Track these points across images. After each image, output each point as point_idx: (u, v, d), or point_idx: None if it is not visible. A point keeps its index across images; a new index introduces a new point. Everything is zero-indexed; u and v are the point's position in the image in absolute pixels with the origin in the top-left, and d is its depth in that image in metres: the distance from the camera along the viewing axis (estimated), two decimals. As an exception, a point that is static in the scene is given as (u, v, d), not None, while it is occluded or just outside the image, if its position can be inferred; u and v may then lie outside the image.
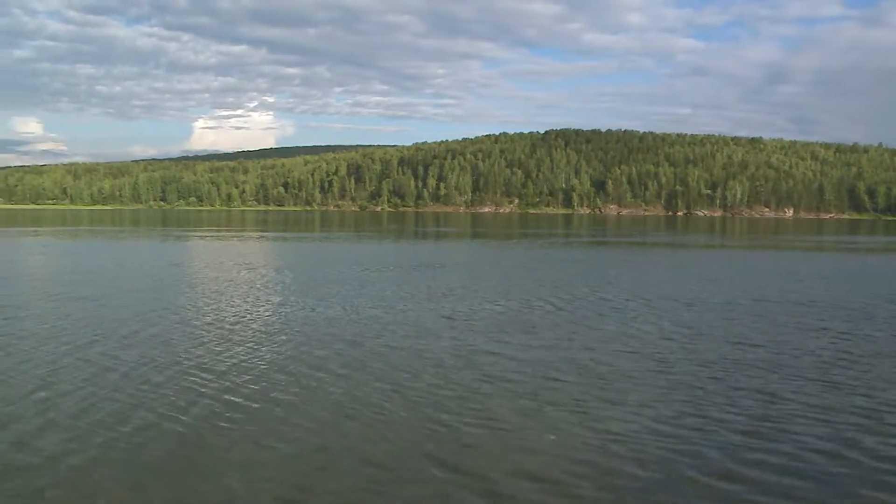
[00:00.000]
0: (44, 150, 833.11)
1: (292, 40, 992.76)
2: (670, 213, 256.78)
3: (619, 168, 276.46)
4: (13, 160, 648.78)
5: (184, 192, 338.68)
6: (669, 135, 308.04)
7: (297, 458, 10.05)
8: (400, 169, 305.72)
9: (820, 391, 13.52)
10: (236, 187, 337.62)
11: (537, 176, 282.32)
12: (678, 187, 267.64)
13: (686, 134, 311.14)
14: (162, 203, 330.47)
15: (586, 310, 22.95)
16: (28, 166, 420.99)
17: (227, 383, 13.61)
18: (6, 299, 24.23)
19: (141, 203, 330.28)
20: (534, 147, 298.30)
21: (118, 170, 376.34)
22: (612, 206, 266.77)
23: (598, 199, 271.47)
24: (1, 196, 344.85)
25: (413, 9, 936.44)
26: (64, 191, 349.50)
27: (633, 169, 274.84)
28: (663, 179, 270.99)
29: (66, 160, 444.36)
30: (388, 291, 27.00)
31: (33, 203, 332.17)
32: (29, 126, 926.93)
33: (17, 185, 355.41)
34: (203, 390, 13.11)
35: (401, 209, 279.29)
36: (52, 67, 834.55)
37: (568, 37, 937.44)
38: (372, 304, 23.61)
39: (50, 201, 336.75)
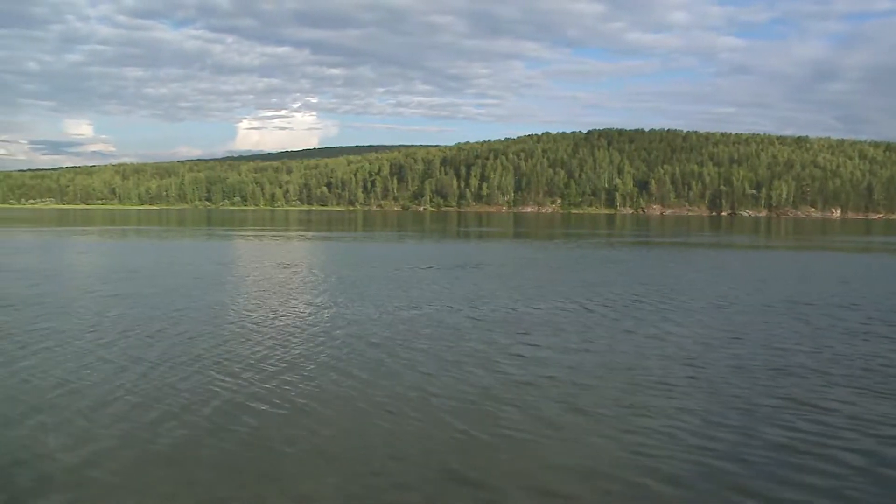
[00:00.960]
0: (94, 152, 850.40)
1: (335, 41, 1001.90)
2: (714, 213, 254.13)
3: (663, 168, 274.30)
4: (65, 161, 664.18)
5: (228, 192, 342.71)
6: (713, 134, 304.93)
7: (306, 462, 9.82)
8: (442, 169, 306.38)
9: (865, 401, 12.65)
10: (280, 187, 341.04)
11: (580, 176, 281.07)
12: (722, 187, 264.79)
13: (730, 133, 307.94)
14: (207, 203, 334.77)
15: (622, 312, 22.38)
16: (79, 167, 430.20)
17: (261, 382, 13.57)
18: (62, 296, 24.41)
19: (187, 203, 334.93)
20: (576, 147, 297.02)
21: (165, 170, 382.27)
22: (655, 207, 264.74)
23: (641, 200, 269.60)
24: (53, 196, 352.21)
25: (456, 9, 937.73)
26: (113, 191, 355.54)
27: (677, 169, 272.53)
28: (707, 179, 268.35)
29: (114, 161, 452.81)
30: (425, 291, 26.81)
31: (83, 203, 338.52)
32: (80, 128, 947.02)
33: (68, 186, 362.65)
34: (226, 389, 13.10)
35: (443, 209, 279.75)
36: (102, 71, 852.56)
37: (611, 36, 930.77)
38: (408, 304, 23.40)
39: (99, 201, 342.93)
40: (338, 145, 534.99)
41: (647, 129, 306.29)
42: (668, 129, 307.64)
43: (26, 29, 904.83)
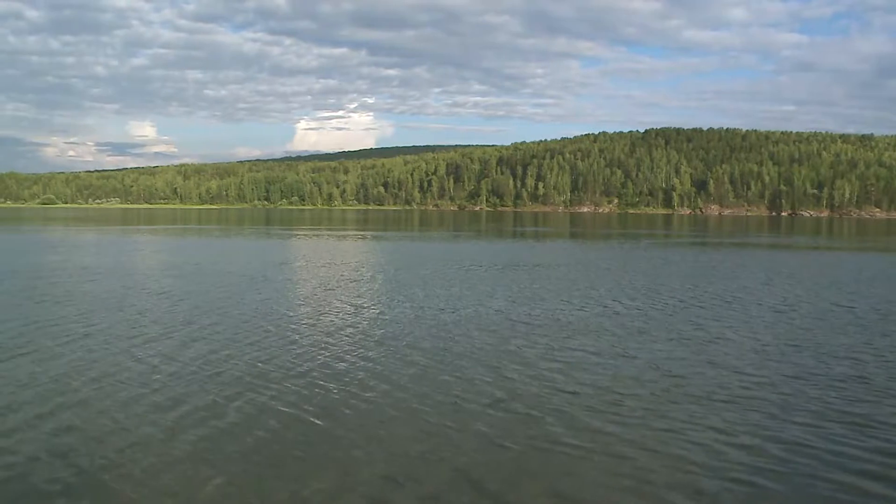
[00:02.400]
0: (156, 153, 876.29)
1: (391, 42, 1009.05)
2: (774, 213, 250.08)
3: (721, 167, 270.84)
4: (129, 162, 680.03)
5: (287, 192, 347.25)
6: (773, 133, 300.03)
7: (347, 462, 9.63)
8: (499, 168, 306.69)
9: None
10: (337, 187, 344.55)
11: (637, 175, 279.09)
12: (783, 187, 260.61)
13: (791, 132, 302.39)
14: (266, 202, 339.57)
15: (673, 316, 21.70)
16: (142, 168, 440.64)
17: (301, 380, 13.73)
18: (120, 292, 24.86)
19: (246, 202, 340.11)
20: (633, 146, 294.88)
21: (224, 170, 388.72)
22: (713, 207, 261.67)
23: (699, 199, 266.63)
24: (118, 196, 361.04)
25: (511, 9, 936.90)
26: (174, 191, 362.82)
27: (736, 168, 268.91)
28: (767, 179, 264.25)
29: (176, 162, 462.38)
30: (476, 291, 26.83)
31: (146, 202, 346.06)
32: (143, 130, 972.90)
33: (132, 186, 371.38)
34: (273, 386, 13.28)
35: (499, 209, 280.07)
36: (165, 74, 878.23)
37: (668, 34, 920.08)
38: (458, 304, 23.38)
39: (161, 201, 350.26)
40: (394, 145, 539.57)
41: (705, 128, 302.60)
42: (727, 128, 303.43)
43: (93, 35, 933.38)
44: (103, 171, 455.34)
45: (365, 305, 23.32)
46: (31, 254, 44.81)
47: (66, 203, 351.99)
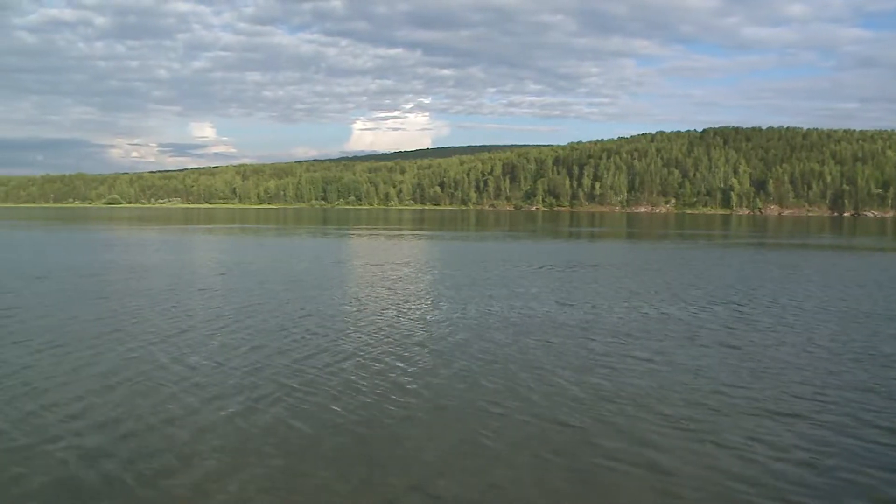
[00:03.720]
0: (216, 153, 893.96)
1: (446, 42, 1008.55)
2: (836, 214, 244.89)
3: (781, 167, 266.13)
4: (189, 163, 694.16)
5: (343, 192, 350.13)
6: (836, 131, 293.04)
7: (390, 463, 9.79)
8: (555, 168, 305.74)
9: None
10: (394, 187, 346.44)
11: (695, 175, 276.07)
12: (845, 187, 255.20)
13: (854, 130, 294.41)
14: (323, 202, 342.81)
15: (728, 321, 21.27)
16: (202, 168, 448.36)
17: (361, 378, 14.03)
18: (182, 289, 25.09)
19: (303, 202, 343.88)
20: (691, 146, 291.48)
21: (282, 170, 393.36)
22: (772, 207, 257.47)
23: (758, 200, 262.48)
24: (179, 196, 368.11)
25: (566, 8, 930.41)
26: (233, 190, 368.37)
27: (796, 168, 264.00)
28: (828, 178, 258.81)
29: (235, 162, 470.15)
30: (527, 292, 26.84)
31: (206, 202, 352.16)
32: (203, 131, 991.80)
33: (192, 186, 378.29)
34: (329, 384, 13.59)
35: (555, 209, 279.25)
36: (224, 76, 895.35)
37: (725, 31, 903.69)
38: (509, 305, 23.32)
39: (221, 200, 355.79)
40: (450, 145, 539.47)
41: (764, 127, 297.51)
42: (787, 127, 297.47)
43: (156, 39, 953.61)
44: (165, 171, 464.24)
45: (414, 306, 23.56)
46: (97, 252, 46.37)
47: (130, 203, 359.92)
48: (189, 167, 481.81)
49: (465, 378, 14.20)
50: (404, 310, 22.75)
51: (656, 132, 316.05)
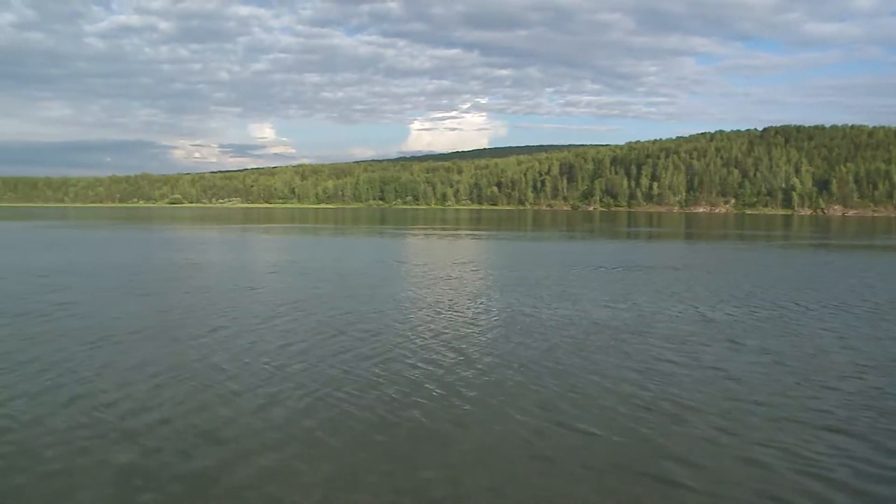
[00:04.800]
0: (275, 154, 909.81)
1: (504, 42, 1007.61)
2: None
3: (845, 166, 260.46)
4: (249, 163, 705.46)
5: (401, 192, 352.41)
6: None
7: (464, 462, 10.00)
8: (612, 168, 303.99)
9: None
10: (451, 187, 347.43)
11: (755, 175, 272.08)
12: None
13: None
14: (380, 202, 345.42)
15: (781, 324, 20.97)
16: (262, 168, 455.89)
17: (416, 377, 14.22)
18: (242, 287, 25.81)
19: (361, 202, 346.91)
20: (751, 145, 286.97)
21: (341, 171, 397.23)
22: (836, 207, 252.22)
23: (820, 200, 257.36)
24: (239, 196, 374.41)
25: (624, 6, 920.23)
26: (292, 190, 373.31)
27: (861, 167, 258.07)
28: None
29: (294, 162, 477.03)
30: (584, 292, 26.82)
31: (266, 202, 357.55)
32: (263, 132, 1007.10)
33: (252, 186, 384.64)
34: (384, 382, 13.79)
35: (613, 209, 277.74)
36: (284, 77, 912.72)
37: (786, 28, 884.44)
38: (565, 305, 23.32)
39: (280, 200, 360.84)
40: (507, 145, 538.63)
41: (827, 126, 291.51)
42: (852, 125, 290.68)
43: (218, 42, 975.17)
44: (226, 171, 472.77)
45: (465, 306, 23.82)
46: (156, 250, 47.36)
47: (192, 202, 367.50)
48: (249, 167, 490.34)
49: (509, 379, 14.21)
50: (455, 309, 23.05)
51: (715, 131, 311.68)
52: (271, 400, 12.65)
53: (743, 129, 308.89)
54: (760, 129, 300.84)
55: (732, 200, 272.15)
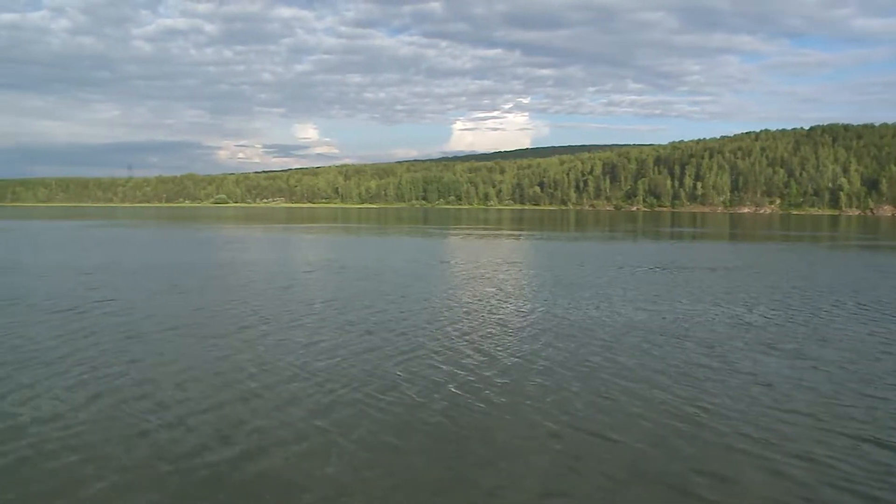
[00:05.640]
0: (319, 154, 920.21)
1: (545, 42, 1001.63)
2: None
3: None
4: (293, 163, 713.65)
5: (444, 192, 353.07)
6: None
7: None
8: (656, 168, 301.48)
9: None
10: (493, 187, 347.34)
11: (801, 175, 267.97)
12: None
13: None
14: (423, 202, 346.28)
15: (831, 326, 20.53)
16: (305, 168, 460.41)
17: (469, 375, 14.32)
18: (285, 285, 25.89)
19: (404, 202, 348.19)
20: (798, 144, 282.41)
21: (383, 171, 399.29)
22: (885, 207, 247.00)
23: (869, 200, 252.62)
24: (283, 195, 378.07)
25: (667, 5, 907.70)
26: (335, 190, 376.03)
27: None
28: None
29: (337, 162, 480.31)
30: (624, 293, 26.67)
31: (309, 202, 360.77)
32: (307, 132, 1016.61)
33: (296, 186, 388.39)
34: (444, 380, 13.93)
35: (656, 209, 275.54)
36: (326, 78, 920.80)
37: (835, 24, 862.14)
38: (606, 305, 23.22)
39: (323, 200, 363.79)
40: (549, 145, 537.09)
41: (877, 124, 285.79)
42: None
43: (262, 44, 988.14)
44: (269, 171, 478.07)
45: (505, 305, 23.69)
46: (204, 250, 48.18)
47: (237, 202, 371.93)
48: (293, 167, 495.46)
49: (532, 381, 14.07)
50: (487, 309, 22.97)
51: (761, 130, 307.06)
52: (291, 398, 12.75)
53: (789, 127, 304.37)
54: (807, 127, 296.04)
55: (778, 200, 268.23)
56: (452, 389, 13.38)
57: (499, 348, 17.07)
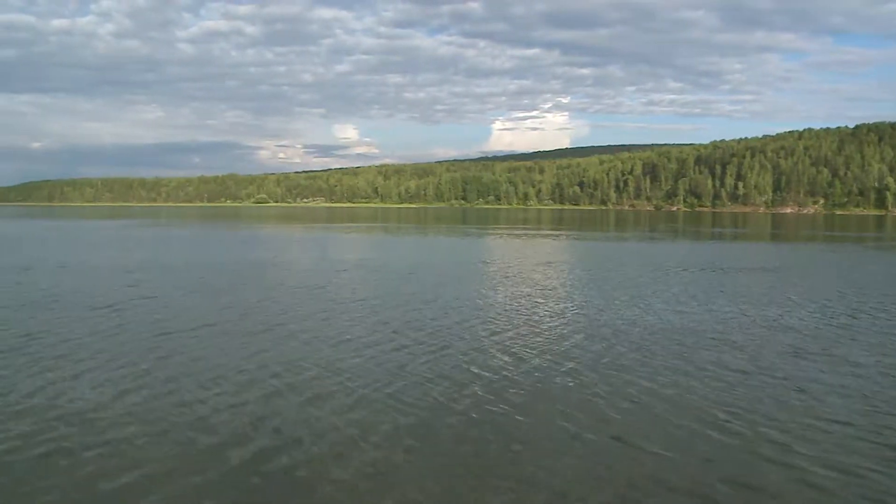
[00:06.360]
0: (358, 154, 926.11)
1: (584, 41, 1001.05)
2: None
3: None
4: (333, 163, 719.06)
5: (483, 192, 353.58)
6: None
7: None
8: (696, 168, 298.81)
9: None
10: (532, 186, 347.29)
11: (846, 174, 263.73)
12: None
13: None
14: (462, 201, 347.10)
15: (873, 331, 19.83)
16: (345, 168, 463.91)
17: (495, 376, 14.23)
18: (324, 284, 25.91)
19: (443, 201, 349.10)
20: (842, 143, 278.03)
21: (423, 170, 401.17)
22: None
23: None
24: (323, 195, 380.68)
25: (707, 3, 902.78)
26: (375, 190, 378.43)
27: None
28: None
29: (377, 162, 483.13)
30: (661, 294, 26.46)
31: (349, 201, 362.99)
32: (346, 132, 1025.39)
33: (336, 186, 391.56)
34: (469, 380, 13.88)
35: (697, 209, 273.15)
36: (366, 79, 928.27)
37: (880, 20, 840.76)
38: (640, 307, 23.00)
39: (363, 200, 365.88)
40: (589, 145, 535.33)
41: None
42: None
43: (302, 45, 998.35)
44: (310, 171, 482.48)
45: (532, 307, 23.37)
46: (243, 249, 48.60)
47: (277, 202, 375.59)
48: (333, 167, 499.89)
49: (559, 384, 13.83)
50: (519, 310, 22.84)
51: (804, 129, 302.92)
52: (314, 397, 12.81)
53: (833, 126, 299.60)
54: (851, 126, 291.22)
55: (821, 200, 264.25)
56: (477, 390, 13.26)
57: (527, 349, 16.92)
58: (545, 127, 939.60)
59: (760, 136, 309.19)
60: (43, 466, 9.56)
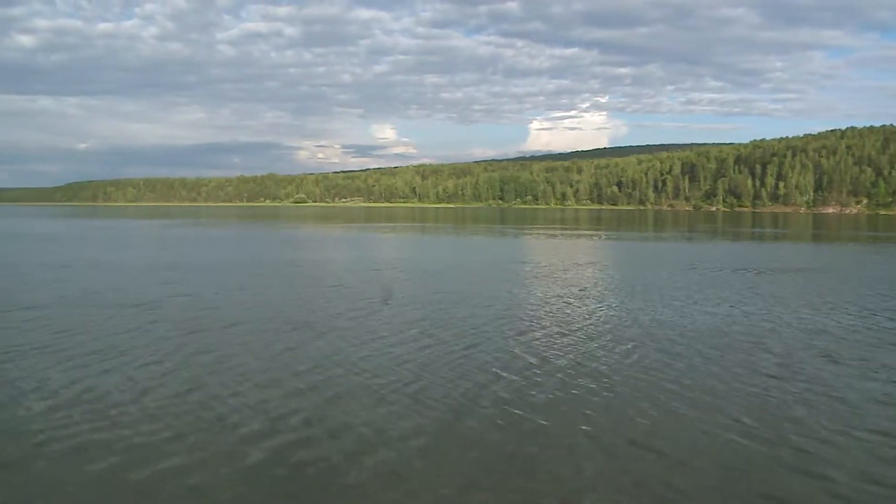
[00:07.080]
0: (396, 154, 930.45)
1: (623, 41, 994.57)
2: None
3: None
4: (371, 163, 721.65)
5: (521, 191, 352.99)
6: None
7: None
8: (736, 167, 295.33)
9: None
10: (570, 186, 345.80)
11: (890, 174, 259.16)
12: None
13: None
14: (500, 201, 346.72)
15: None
16: (383, 168, 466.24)
17: (517, 377, 14.13)
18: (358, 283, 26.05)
19: (481, 201, 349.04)
20: (886, 141, 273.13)
21: (461, 170, 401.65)
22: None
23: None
24: (361, 195, 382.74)
25: (748, 0, 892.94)
26: (413, 190, 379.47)
27: None
28: None
29: (415, 162, 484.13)
30: (695, 295, 26.06)
31: (387, 201, 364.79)
32: (384, 132, 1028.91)
33: (374, 185, 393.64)
34: (493, 381, 13.80)
35: (736, 209, 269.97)
36: (404, 79, 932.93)
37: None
38: (673, 309, 22.64)
39: (401, 199, 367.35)
40: (627, 144, 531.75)
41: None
42: None
43: (341, 46, 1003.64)
44: (348, 171, 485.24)
45: (564, 308, 23.22)
46: (280, 249, 49.29)
47: (316, 202, 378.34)
48: (371, 167, 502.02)
49: (584, 387, 13.54)
50: (550, 311, 22.68)
51: (846, 128, 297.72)
52: (335, 396, 12.89)
53: (877, 124, 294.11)
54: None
55: (864, 200, 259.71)
56: (499, 391, 13.16)
57: (553, 349, 16.76)
58: (583, 127, 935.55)
59: (802, 135, 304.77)
60: (71, 459, 9.77)
